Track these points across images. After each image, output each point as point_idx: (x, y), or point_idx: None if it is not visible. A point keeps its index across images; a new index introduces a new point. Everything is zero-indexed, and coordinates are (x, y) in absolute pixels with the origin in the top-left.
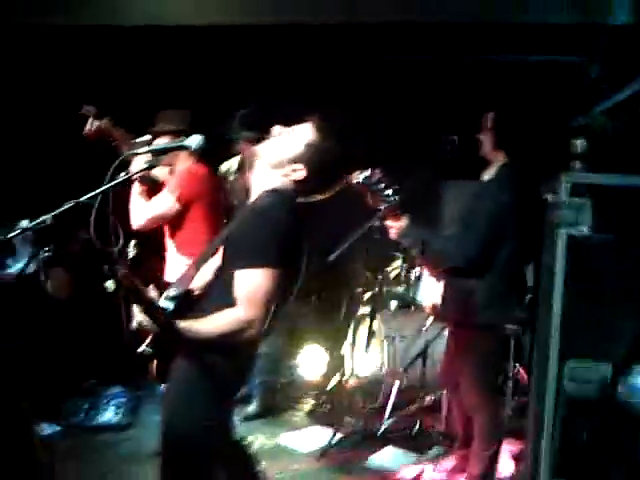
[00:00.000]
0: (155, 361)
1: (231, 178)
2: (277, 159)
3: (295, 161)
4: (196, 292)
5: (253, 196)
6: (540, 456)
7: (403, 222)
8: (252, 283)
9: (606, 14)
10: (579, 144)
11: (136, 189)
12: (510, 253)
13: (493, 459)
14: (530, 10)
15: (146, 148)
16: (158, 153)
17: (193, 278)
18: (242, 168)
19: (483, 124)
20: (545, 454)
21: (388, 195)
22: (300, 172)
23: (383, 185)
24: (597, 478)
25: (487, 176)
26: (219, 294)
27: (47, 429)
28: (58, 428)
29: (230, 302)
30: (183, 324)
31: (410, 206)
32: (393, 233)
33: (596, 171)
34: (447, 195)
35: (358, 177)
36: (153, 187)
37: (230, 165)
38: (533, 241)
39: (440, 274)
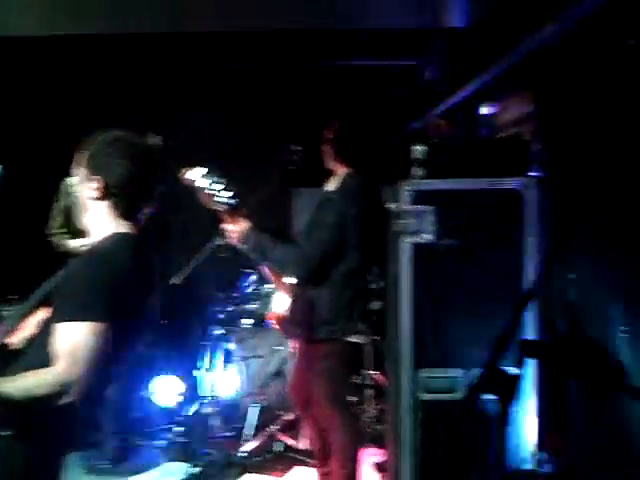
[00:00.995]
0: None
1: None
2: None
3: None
4: (14, 348)
5: (91, 237)
6: (400, 464)
7: (243, 226)
8: (72, 338)
9: (442, 18)
10: (418, 150)
11: None
12: (353, 264)
13: (352, 474)
14: (367, 15)
15: None
16: None
17: (11, 332)
18: None
19: (324, 135)
20: (404, 462)
21: (226, 197)
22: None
23: (220, 187)
24: None
25: (331, 186)
26: (41, 351)
27: None
28: None
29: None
30: None
31: (257, 213)
32: (232, 237)
33: (436, 177)
34: (297, 203)
35: (192, 175)
36: None
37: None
38: (377, 251)
39: (283, 286)
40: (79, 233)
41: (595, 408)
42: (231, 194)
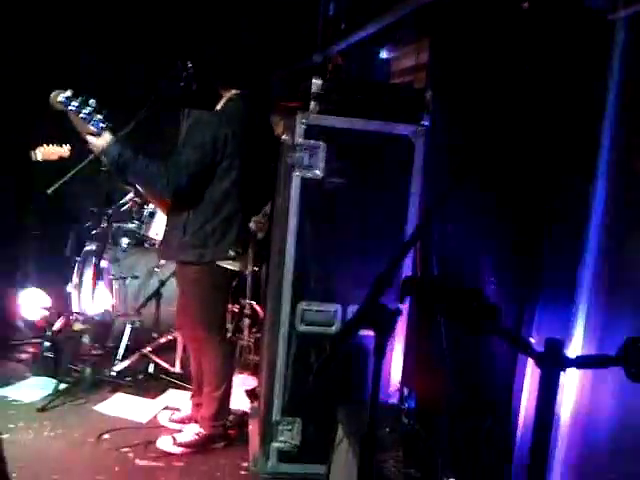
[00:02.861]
0: None
1: None
2: None
3: None
4: None
5: None
6: (273, 394)
7: (106, 138)
8: None
9: None
10: (316, 84)
11: None
12: (226, 188)
13: (223, 399)
14: None
15: None
16: None
17: None
18: None
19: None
20: (276, 391)
21: (97, 119)
22: None
23: (90, 109)
24: (326, 414)
25: (218, 106)
26: None
27: None
28: None
29: None
30: None
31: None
32: (92, 147)
33: (332, 113)
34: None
35: (59, 97)
36: None
37: None
38: (263, 181)
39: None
40: None
41: (462, 348)
42: (102, 116)
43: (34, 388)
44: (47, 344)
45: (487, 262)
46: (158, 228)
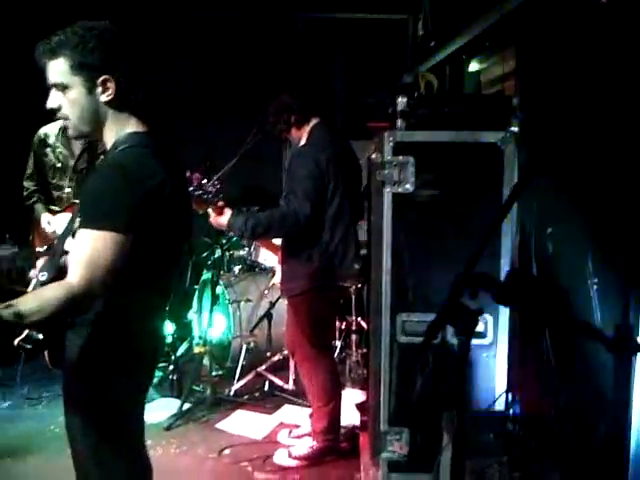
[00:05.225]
0: (47, 351)
1: (52, 142)
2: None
3: None
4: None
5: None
6: (380, 405)
7: (227, 215)
8: (89, 247)
9: None
10: (401, 102)
11: None
12: (336, 208)
13: (334, 413)
14: None
15: None
16: None
17: (62, 255)
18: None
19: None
20: (383, 402)
21: (211, 196)
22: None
23: (203, 190)
24: (431, 423)
25: (302, 142)
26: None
27: None
28: None
29: None
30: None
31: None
32: (220, 227)
33: (418, 129)
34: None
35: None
36: None
37: (52, 128)
38: (358, 198)
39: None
40: (54, 186)
41: (565, 354)
42: (213, 191)
43: (161, 409)
44: (171, 367)
45: (588, 263)
46: (266, 254)
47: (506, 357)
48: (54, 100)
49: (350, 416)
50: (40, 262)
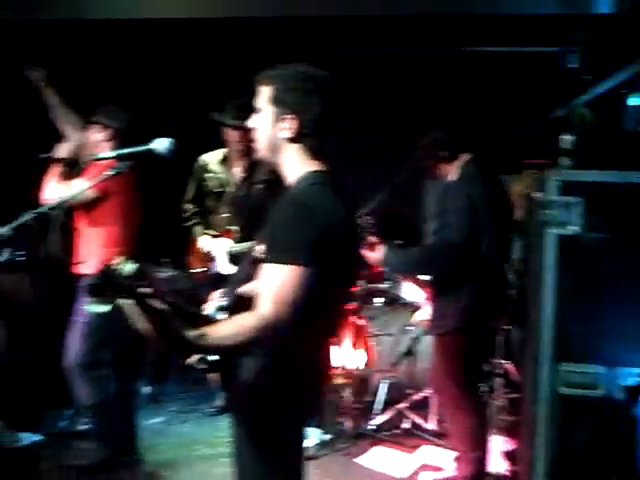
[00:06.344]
0: (220, 373)
1: (213, 168)
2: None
3: None
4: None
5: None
6: (534, 457)
7: (380, 253)
8: (276, 281)
9: (587, 4)
10: (566, 139)
11: (54, 169)
12: (487, 248)
13: (481, 460)
14: (510, 1)
15: (112, 153)
16: (124, 158)
17: (243, 282)
18: (228, 159)
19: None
20: (539, 455)
21: (364, 231)
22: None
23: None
24: None
25: (452, 177)
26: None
27: (26, 439)
28: (38, 437)
29: None
30: (200, 334)
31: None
32: (374, 264)
33: (584, 168)
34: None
35: None
36: (70, 171)
37: (213, 156)
38: (508, 236)
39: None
40: (211, 211)
41: None
42: (369, 224)
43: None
44: None
45: None
46: (409, 288)
47: None
48: (253, 121)
49: (496, 464)
50: (218, 291)
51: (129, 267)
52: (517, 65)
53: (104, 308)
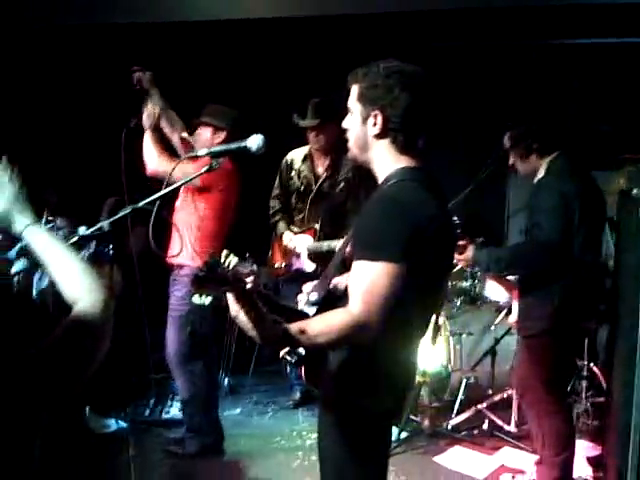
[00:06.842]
0: (304, 366)
1: (297, 167)
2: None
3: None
4: (338, 292)
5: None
6: (627, 468)
7: (470, 252)
8: (368, 278)
9: None
10: None
11: (149, 136)
12: (581, 248)
13: (566, 465)
14: None
15: (206, 150)
16: (218, 155)
17: (332, 278)
18: (310, 157)
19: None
20: (631, 464)
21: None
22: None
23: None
24: None
25: (540, 174)
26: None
27: (113, 425)
28: (124, 424)
29: None
30: (294, 328)
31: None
32: (463, 265)
33: None
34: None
35: None
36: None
37: (298, 154)
38: (600, 234)
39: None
40: (295, 208)
41: None
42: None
43: None
44: None
45: None
46: (493, 288)
47: None
48: (345, 122)
49: (580, 469)
50: (309, 284)
51: (233, 261)
52: (603, 57)
53: (206, 300)
